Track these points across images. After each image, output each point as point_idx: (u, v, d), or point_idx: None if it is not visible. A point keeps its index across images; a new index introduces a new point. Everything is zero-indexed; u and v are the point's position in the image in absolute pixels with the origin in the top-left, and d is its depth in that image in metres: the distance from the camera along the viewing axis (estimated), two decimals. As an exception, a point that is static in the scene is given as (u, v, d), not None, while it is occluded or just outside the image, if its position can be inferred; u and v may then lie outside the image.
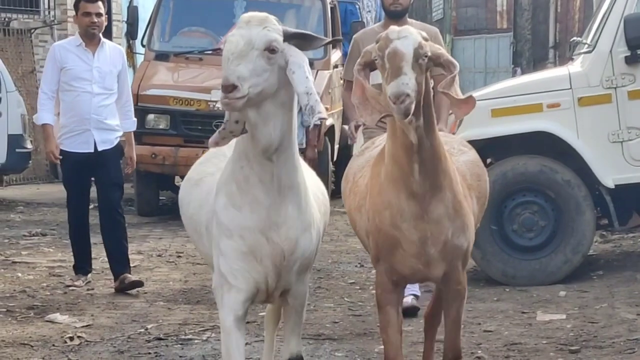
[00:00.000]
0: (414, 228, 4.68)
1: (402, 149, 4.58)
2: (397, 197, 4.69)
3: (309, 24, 13.39)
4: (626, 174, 8.27)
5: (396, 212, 4.70)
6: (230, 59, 4.15)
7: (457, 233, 4.75)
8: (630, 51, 8.20)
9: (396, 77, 4.36)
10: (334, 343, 6.60)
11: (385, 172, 4.74)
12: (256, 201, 4.42)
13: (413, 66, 4.42)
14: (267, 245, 4.44)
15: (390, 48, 4.47)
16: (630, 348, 6.13)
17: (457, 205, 4.74)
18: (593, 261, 9.12)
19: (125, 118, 8.30)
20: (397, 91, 4.32)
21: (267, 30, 4.23)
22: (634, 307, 7.24)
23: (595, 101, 8.29)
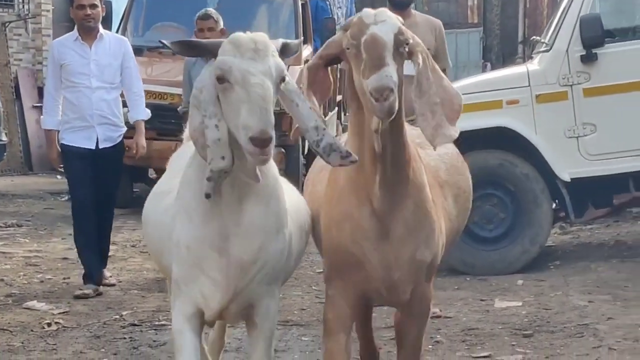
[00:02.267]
0: (375, 249, 4.17)
1: (368, 155, 4.04)
2: (358, 208, 4.16)
3: (280, 21, 13.68)
4: (581, 168, 8.62)
5: (357, 226, 4.17)
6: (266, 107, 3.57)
7: (420, 248, 4.22)
8: (586, 50, 8.55)
9: (377, 69, 3.78)
10: (301, 328, 6.89)
11: (347, 178, 4.20)
12: (211, 211, 3.94)
13: (394, 56, 3.88)
14: (218, 258, 3.98)
15: (367, 35, 3.89)
16: (579, 332, 6.47)
17: (421, 216, 4.21)
18: (551, 252, 9.48)
19: (135, 107, 8.00)
20: (380, 85, 3.75)
21: (275, 58, 3.72)
22: (587, 294, 7.60)
23: (552, 98, 8.64)
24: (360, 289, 4.25)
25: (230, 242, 3.96)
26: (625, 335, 6.32)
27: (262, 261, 4.01)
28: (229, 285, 4.01)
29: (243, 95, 3.61)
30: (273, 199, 4.02)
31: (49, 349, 6.33)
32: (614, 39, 8.76)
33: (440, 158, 4.68)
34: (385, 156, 4.02)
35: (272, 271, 4.09)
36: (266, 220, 3.99)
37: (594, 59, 8.56)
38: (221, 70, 3.67)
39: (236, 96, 3.63)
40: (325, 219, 4.32)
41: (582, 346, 6.13)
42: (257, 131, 3.52)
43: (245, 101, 3.59)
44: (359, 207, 4.14)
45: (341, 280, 4.24)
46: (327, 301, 4.35)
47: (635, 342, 6.15)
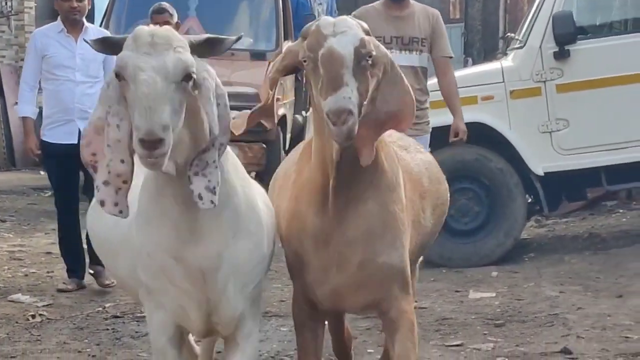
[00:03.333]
0: (314, 251, 3.95)
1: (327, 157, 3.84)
2: (307, 207, 3.97)
3: (261, 18, 13.81)
4: (555, 162, 8.82)
5: (303, 225, 3.97)
6: (152, 106, 3.27)
7: (386, 250, 3.93)
8: (558, 47, 8.76)
9: (335, 89, 3.52)
10: (280, 319, 7.06)
11: (307, 175, 4.02)
12: (166, 215, 3.68)
13: (355, 72, 3.58)
14: (176, 266, 3.73)
15: (325, 48, 3.62)
16: (549, 322, 6.66)
17: (386, 218, 3.95)
18: (526, 244, 9.68)
19: None
20: (337, 108, 3.49)
21: (179, 53, 3.39)
22: (558, 285, 7.80)
23: (526, 94, 8.83)
24: (310, 292, 4.07)
25: (185, 249, 3.70)
26: (594, 324, 6.52)
27: (226, 269, 3.75)
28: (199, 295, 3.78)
29: (133, 94, 3.34)
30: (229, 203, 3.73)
31: (34, 340, 6.48)
32: (586, 35, 8.96)
33: (423, 165, 4.49)
34: (342, 163, 3.82)
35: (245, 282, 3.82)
36: (219, 227, 3.71)
37: (567, 56, 8.76)
38: (118, 67, 3.41)
39: (130, 95, 3.36)
40: (282, 215, 4.13)
41: (552, 335, 6.32)
42: (143, 132, 3.24)
43: (135, 100, 3.32)
44: (309, 205, 3.95)
45: (296, 280, 4.14)
46: (293, 296, 4.25)
47: (603, 331, 6.34)
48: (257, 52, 13.24)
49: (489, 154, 8.95)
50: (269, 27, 13.62)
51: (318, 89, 3.63)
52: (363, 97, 3.64)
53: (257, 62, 13.00)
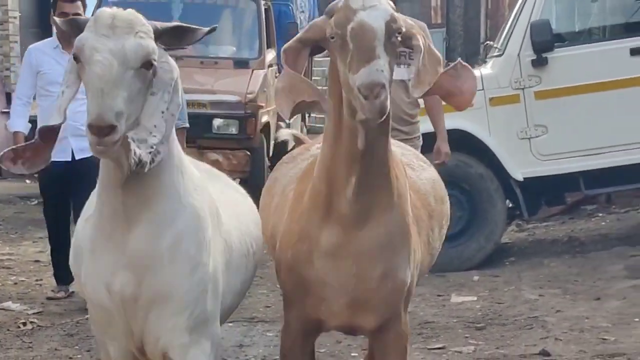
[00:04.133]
0: (330, 266, 3.71)
1: (344, 156, 3.59)
2: (317, 226, 3.71)
3: (244, 26, 13.97)
4: (534, 167, 9.01)
5: (312, 245, 3.74)
6: (104, 89, 3.12)
7: (402, 266, 3.73)
8: (536, 54, 8.95)
9: (367, 61, 3.33)
10: (266, 325, 7.21)
11: (311, 192, 3.77)
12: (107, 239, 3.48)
13: (386, 47, 3.41)
14: (108, 295, 3.50)
15: (355, 22, 3.43)
16: (529, 324, 6.84)
17: (404, 231, 3.75)
18: (507, 248, 9.86)
19: None
20: (371, 81, 3.29)
21: (140, 39, 3.22)
22: (538, 289, 7.98)
23: (505, 101, 9.02)
24: (317, 315, 3.83)
25: (114, 275, 3.48)
26: (572, 326, 6.69)
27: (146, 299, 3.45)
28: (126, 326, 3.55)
29: (86, 76, 3.22)
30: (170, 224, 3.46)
31: (25, 347, 6.60)
32: (563, 43, 9.15)
33: (429, 183, 4.29)
34: (367, 155, 3.57)
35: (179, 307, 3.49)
36: (153, 249, 3.43)
37: (544, 63, 8.94)
38: (75, 48, 3.27)
39: (85, 77, 3.23)
40: (283, 236, 3.89)
41: (531, 337, 6.50)
42: (92, 116, 3.09)
43: (87, 82, 3.20)
44: (320, 224, 3.69)
45: (297, 308, 3.87)
46: (283, 328, 4.00)
47: (581, 333, 6.52)
48: (240, 60, 13.41)
49: (469, 160, 9.11)
50: (252, 36, 13.77)
51: (347, 65, 3.41)
52: (392, 74, 3.45)
53: (240, 70, 13.17)
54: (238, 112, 12.66)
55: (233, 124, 12.76)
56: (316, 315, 3.84)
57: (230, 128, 12.77)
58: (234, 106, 12.68)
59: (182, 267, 3.50)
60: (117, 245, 3.46)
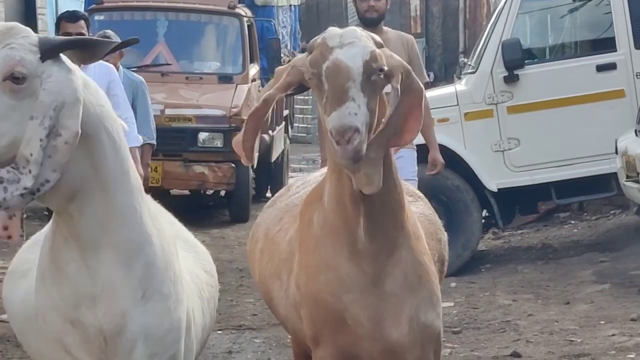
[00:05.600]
0: (360, 302, 3.47)
1: (349, 195, 3.39)
2: (335, 255, 3.49)
3: (228, 41, 14.37)
4: (507, 179, 9.48)
5: (334, 277, 3.49)
6: None
7: (424, 307, 3.51)
8: (508, 71, 9.43)
9: (339, 104, 3.15)
10: (254, 332, 7.59)
11: (323, 220, 3.52)
12: (59, 270, 3.16)
13: (363, 87, 3.20)
14: (72, 331, 3.17)
15: (330, 61, 3.24)
16: (502, 328, 7.27)
17: (420, 270, 3.53)
18: (483, 256, 10.29)
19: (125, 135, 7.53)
20: (342, 125, 3.11)
21: (8, 49, 2.91)
22: (512, 294, 8.41)
23: (479, 116, 9.46)
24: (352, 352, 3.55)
25: (82, 309, 3.15)
26: (542, 329, 7.12)
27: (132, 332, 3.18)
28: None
29: None
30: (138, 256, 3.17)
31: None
32: (533, 60, 9.62)
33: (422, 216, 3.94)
34: (370, 198, 3.35)
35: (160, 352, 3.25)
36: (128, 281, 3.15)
37: (516, 79, 9.41)
38: None
39: None
40: (301, 270, 3.63)
41: (504, 340, 6.92)
42: None
43: None
44: (337, 255, 3.48)
45: (329, 344, 3.56)
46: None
47: (550, 335, 6.95)
48: (224, 75, 13.81)
49: (446, 172, 9.46)
50: (236, 51, 14.16)
51: (322, 106, 3.24)
52: (374, 115, 3.25)
53: (224, 85, 13.58)
54: (223, 126, 13.05)
55: (218, 137, 13.15)
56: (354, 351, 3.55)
57: (215, 141, 13.16)
58: (218, 120, 13.08)
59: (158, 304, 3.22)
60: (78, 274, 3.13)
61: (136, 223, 3.17)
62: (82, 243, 3.12)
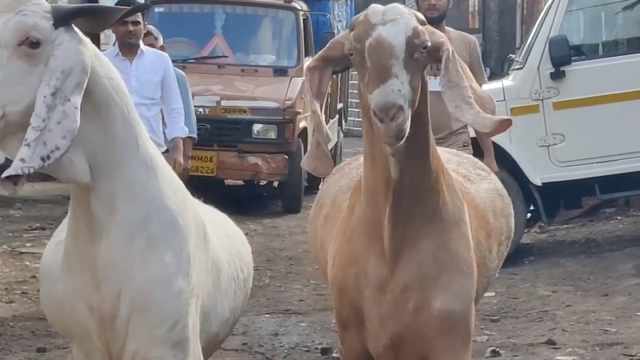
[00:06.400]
0: (374, 300, 3.47)
1: (380, 182, 3.36)
2: (366, 250, 3.47)
3: (283, 35, 14.63)
4: (552, 173, 9.64)
5: (361, 271, 3.48)
6: None
7: (446, 296, 3.42)
8: (555, 68, 9.58)
9: (382, 81, 3.12)
10: (299, 316, 7.85)
11: (359, 213, 3.51)
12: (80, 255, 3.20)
13: (406, 64, 3.18)
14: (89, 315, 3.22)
15: (372, 38, 3.21)
16: (540, 318, 7.48)
17: (443, 258, 3.45)
18: (528, 249, 10.47)
19: (172, 125, 7.67)
20: (385, 102, 3.08)
21: (22, 16, 2.96)
22: (552, 285, 8.61)
23: (525, 111, 9.64)
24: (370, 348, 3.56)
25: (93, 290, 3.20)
26: (579, 319, 7.32)
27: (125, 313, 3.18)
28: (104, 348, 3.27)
29: None
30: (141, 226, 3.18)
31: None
32: (580, 57, 9.78)
33: (488, 196, 3.93)
34: (401, 185, 3.33)
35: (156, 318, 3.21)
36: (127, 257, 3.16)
37: (562, 76, 9.57)
38: None
39: None
40: (335, 257, 3.63)
41: (540, 328, 7.13)
42: None
43: None
44: (367, 249, 3.46)
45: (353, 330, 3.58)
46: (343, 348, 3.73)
47: (586, 325, 7.14)
48: (279, 68, 14.07)
49: (481, 162, 9.71)
50: (291, 45, 14.41)
51: (365, 83, 3.22)
52: (416, 94, 3.22)
53: (279, 78, 13.84)
54: (277, 118, 13.32)
55: (272, 129, 13.42)
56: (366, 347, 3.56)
57: (269, 133, 13.42)
58: (273, 112, 13.35)
59: (156, 273, 3.20)
60: (90, 259, 3.18)
61: (142, 199, 3.18)
62: (92, 223, 3.14)
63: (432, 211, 3.44)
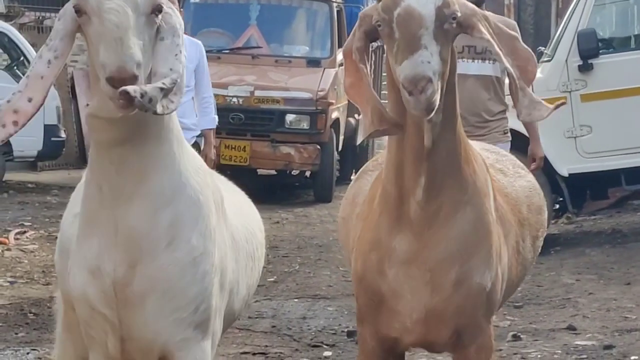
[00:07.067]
0: (404, 274, 3.39)
1: (410, 155, 3.30)
2: (389, 232, 3.40)
3: (317, 27, 14.82)
4: (579, 164, 9.80)
5: (385, 253, 3.42)
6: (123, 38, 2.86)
7: (479, 268, 3.39)
8: (583, 61, 9.73)
9: (411, 52, 3.06)
10: (327, 301, 8.04)
11: (381, 196, 3.46)
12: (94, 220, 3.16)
13: (436, 35, 3.12)
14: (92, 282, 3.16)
15: (401, 8, 3.14)
16: (562, 305, 7.64)
17: (481, 229, 3.42)
18: (554, 239, 10.60)
19: (203, 115, 7.60)
20: (414, 74, 3.02)
21: None
22: (576, 274, 8.77)
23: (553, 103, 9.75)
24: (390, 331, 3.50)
25: (104, 258, 3.15)
26: (600, 306, 7.47)
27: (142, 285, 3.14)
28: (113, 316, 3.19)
29: (98, 27, 2.91)
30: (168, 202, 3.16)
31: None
32: (607, 50, 9.91)
33: (522, 191, 3.94)
34: (435, 153, 3.29)
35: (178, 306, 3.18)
36: (151, 232, 3.13)
37: (590, 69, 9.71)
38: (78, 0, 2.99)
39: (93, 29, 2.94)
40: (356, 247, 3.60)
41: (562, 315, 7.29)
42: (113, 68, 2.82)
43: (101, 34, 2.89)
44: (390, 228, 3.40)
45: (369, 322, 3.52)
46: (359, 346, 3.66)
47: (607, 312, 7.30)
48: (312, 59, 14.26)
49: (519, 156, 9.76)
50: (325, 36, 14.60)
51: (393, 55, 3.15)
52: (446, 66, 3.17)
53: (312, 69, 14.04)
54: (310, 108, 13.51)
55: (305, 119, 13.61)
56: (389, 332, 3.51)
57: (302, 123, 13.62)
58: (305, 102, 13.55)
59: (182, 256, 3.20)
60: (106, 223, 3.14)
61: (172, 173, 3.18)
62: (116, 192, 3.11)
63: (466, 180, 3.41)
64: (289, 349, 6.51)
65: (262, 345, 6.58)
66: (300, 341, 6.73)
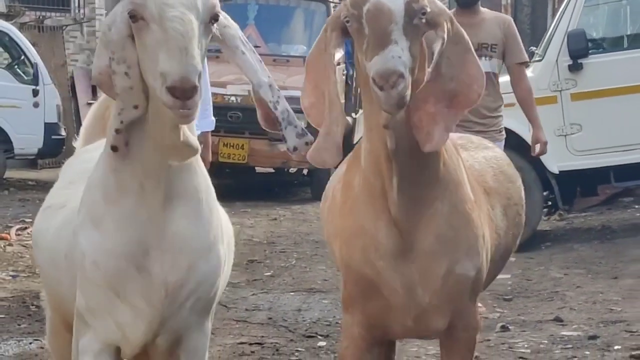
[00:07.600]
0: (394, 270, 3.38)
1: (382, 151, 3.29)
2: (373, 220, 3.38)
3: (314, 26, 15.00)
4: (569, 162, 10.01)
5: (371, 242, 3.40)
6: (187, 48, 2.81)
7: (460, 259, 3.42)
8: (573, 60, 9.95)
9: (382, 47, 3.03)
10: (322, 294, 8.22)
11: (362, 182, 3.42)
12: (126, 215, 3.14)
13: (406, 30, 3.09)
14: (137, 277, 3.16)
15: (370, 3, 3.11)
16: (550, 298, 7.84)
17: (458, 220, 3.42)
18: (545, 235, 10.83)
19: (202, 117, 7.15)
20: (385, 69, 2.99)
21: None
22: (564, 269, 8.97)
23: (544, 102, 9.98)
24: (381, 321, 3.50)
25: (150, 257, 3.17)
26: (587, 299, 7.68)
27: (193, 284, 3.23)
28: (154, 313, 3.22)
29: (160, 35, 2.86)
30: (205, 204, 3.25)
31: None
32: (597, 50, 10.14)
33: (487, 162, 3.95)
34: (400, 153, 3.26)
35: (204, 297, 3.31)
36: (197, 232, 3.22)
37: (580, 68, 9.93)
38: (134, 5, 2.93)
39: (152, 37, 2.89)
40: (338, 234, 3.57)
41: (550, 307, 7.49)
42: (176, 78, 2.78)
43: (162, 42, 2.84)
44: (375, 218, 3.37)
45: (358, 311, 3.50)
46: (343, 333, 3.61)
47: (593, 304, 7.50)
48: (310, 58, 14.41)
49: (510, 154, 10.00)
50: (322, 36, 14.78)
51: (363, 51, 3.11)
52: (416, 62, 3.14)
53: (310, 68, 14.19)
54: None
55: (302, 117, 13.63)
56: (380, 322, 3.51)
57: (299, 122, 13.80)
58: (303, 101, 13.72)
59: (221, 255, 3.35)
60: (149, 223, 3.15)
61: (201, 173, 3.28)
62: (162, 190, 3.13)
63: (437, 175, 3.39)
64: (285, 339, 6.68)
65: (258, 336, 6.75)
66: (295, 332, 6.90)
